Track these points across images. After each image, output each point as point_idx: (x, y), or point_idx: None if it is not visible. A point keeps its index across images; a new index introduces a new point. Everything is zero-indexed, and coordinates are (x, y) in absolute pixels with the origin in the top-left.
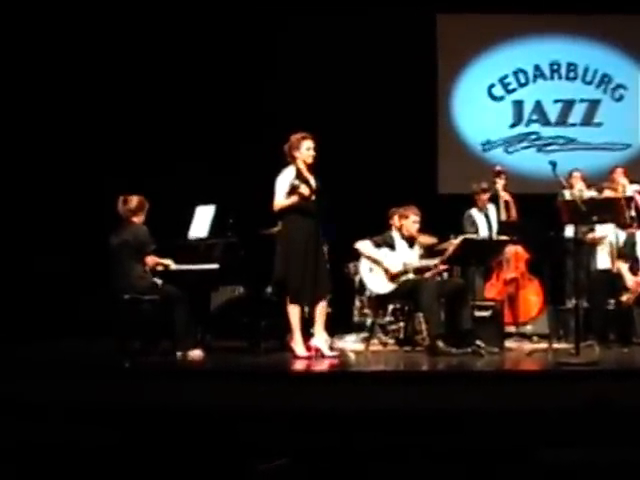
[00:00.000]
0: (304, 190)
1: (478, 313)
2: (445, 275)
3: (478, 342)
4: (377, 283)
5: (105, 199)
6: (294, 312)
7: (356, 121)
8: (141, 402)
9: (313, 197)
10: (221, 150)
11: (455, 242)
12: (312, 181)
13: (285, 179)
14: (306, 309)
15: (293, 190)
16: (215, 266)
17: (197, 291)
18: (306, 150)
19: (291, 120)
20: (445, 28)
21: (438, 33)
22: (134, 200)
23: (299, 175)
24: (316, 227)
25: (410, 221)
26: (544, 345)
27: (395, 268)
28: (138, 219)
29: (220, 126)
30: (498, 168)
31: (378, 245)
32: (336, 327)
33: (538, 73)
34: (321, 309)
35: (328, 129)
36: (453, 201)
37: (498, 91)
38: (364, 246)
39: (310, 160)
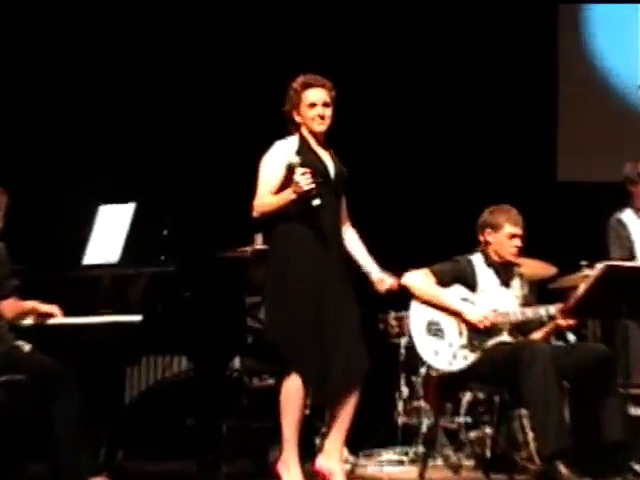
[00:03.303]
0: (301, 179)
1: (636, 411)
2: (572, 337)
3: (636, 466)
4: (442, 352)
5: None
6: (291, 405)
7: (439, 88)
8: None
9: (317, 203)
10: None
11: (592, 273)
12: (330, 165)
13: (276, 158)
14: (307, 400)
15: (289, 175)
16: (134, 319)
17: (100, 367)
18: (308, 109)
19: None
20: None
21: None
22: None
23: (303, 150)
24: (333, 248)
25: (503, 235)
26: None
27: (482, 316)
28: None
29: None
30: None
31: (446, 281)
32: (366, 433)
33: None
34: (347, 402)
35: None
36: (583, 195)
37: None
38: (419, 281)
39: (319, 127)
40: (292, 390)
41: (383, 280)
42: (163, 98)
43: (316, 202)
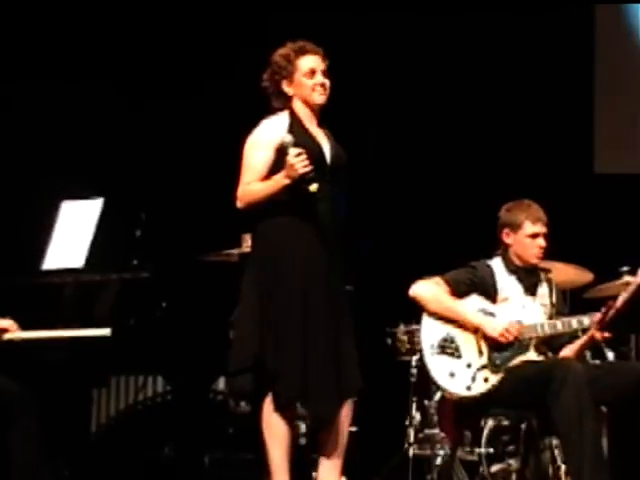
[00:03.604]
0: (295, 161)
1: None
2: (610, 355)
3: None
4: (459, 374)
5: None
6: (277, 433)
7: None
8: None
9: (315, 187)
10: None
11: (634, 280)
12: (325, 146)
13: (264, 139)
14: (302, 426)
15: (279, 158)
16: (102, 333)
17: (63, 388)
18: (306, 77)
19: None
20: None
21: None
22: None
23: (295, 128)
24: (330, 246)
25: (523, 236)
26: None
27: (504, 329)
28: None
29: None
30: None
31: (461, 291)
32: (372, 466)
33: None
34: (338, 425)
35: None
36: (623, 189)
37: None
38: (430, 292)
39: (319, 98)
40: (274, 414)
41: None
42: (135, 76)
43: (313, 187)
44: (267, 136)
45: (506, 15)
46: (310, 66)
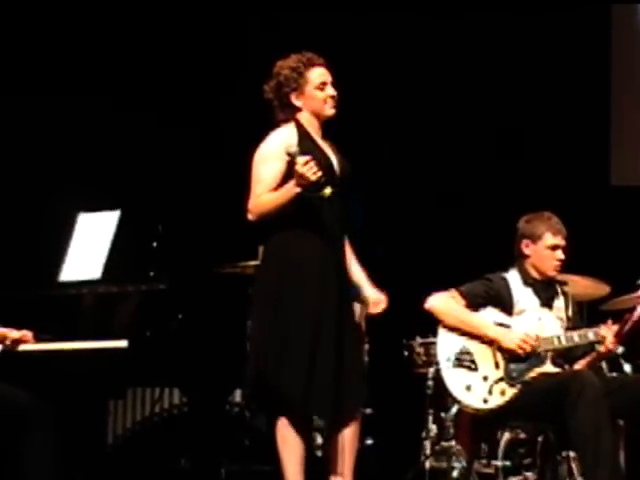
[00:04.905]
0: (304, 169)
1: None
2: (627, 367)
3: None
4: (475, 387)
5: None
6: (291, 446)
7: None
8: None
9: (329, 191)
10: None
11: None
12: (332, 158)
13: (275, 151)
14: (319, 439)
15: (291, 167)
16: (119, 345)
17: (79, 400)
18: (318, 90)
19: None
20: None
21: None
22: None
23: (303, 140)
24: (341, 257)
25: (543, 247)
26: None
27: (521, 340)
28: None
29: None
30: None
31: (477, 304)
32: (385, 477)
33: None
34: (348, 439)
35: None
36: (638, 200)
37: None
38: (445, 305)
39: (331, 110)
40: (287, 427)
41: (380, 301)
42: (150, 92)
43: (327, 191)
44: (277, 148)
45: (520, 17)
46: (321, 79)
